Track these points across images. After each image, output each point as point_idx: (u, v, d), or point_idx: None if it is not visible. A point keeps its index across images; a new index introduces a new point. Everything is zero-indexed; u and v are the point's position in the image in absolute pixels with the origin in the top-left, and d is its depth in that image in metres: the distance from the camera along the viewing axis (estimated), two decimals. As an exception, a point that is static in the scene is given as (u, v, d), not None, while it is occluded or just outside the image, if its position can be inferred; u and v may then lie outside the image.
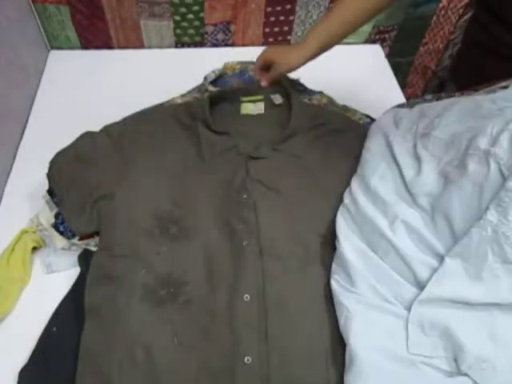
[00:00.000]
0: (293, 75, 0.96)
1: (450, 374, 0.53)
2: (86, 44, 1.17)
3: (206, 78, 0.93)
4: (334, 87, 0.97)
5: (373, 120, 0.93)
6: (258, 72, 0.82)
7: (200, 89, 0.94)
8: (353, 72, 1.13)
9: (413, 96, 1.43)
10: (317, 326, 0.62)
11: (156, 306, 0.63)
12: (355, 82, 1.08)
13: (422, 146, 0.65)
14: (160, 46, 1.19)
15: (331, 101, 0.96)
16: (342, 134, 0.81)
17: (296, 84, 0.96)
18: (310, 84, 0.98)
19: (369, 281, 0.60)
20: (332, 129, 0.81)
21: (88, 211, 0.71)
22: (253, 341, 0.60)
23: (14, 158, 0.93)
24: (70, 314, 0.70)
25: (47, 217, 0.78)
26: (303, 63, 0.76)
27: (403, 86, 1.32)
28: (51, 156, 0.81)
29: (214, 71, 0.94)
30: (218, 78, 0.95)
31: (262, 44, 1.22)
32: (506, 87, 0.65)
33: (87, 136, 0.79)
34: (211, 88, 0.92)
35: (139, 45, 1.18)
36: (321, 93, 0.96)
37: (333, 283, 0.64)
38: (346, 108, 0.94)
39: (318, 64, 0.93)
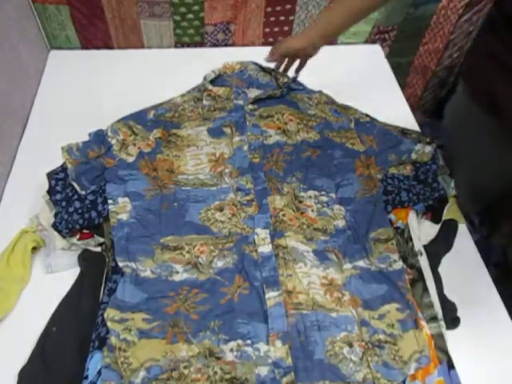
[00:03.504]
0: (292, 73, 0.96)
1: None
2: (86, 44, 1.17)
3: (205, 78, 0.93)
4: (334, 87, 0.97)
5: (372, 119, 0.93)
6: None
7: (200, 88, 0.94)
8: (353, 72, 1.14)
9: (413, 96, 1.43)
10: None
11: None
12: (355, 81, 1.08)
13: None
14: (160, 46, 1.19)
15: (330, 99, 0.95)
16: None
17: (295, 83, 0.96)
18: (310, 84, 0.98)
19: None
20: None
21: None
22: None
23: (14, 157, 0.93)
24: (70, 314, 0.70)
25: (47, 217, 0.78)
26: (301, 46, 0.85)
27: (403, 86, 1.32)
28: (51, 156, 0.82)
29: (213, 71, 0.94)
30: (217, 77, 0.95)
31: (262, 44, 1.22)
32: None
33: None
34: (210, 87, 0.92)
35: (139, 45, 1.19)
36: (320, 92, 0.96)
37: None
38: (345, 107, 0.94)
39: (318, 64, 0.93)
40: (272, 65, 0.94)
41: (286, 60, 0.93)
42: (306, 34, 0.86)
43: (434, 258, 0.79)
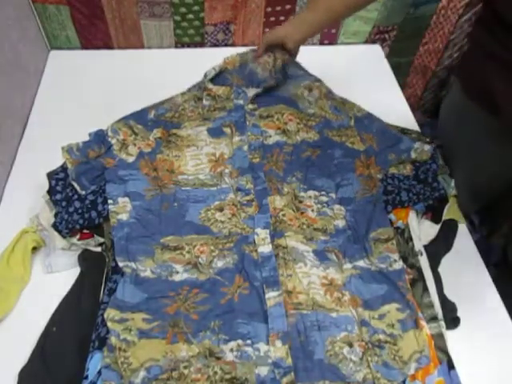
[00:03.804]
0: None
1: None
2: (86, 44, 1.17)
3: (206, 75, 0.93)
4: (334, 87, 0.97)
5: (370, 115, 0.93)
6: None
7: (200, 86, 0.94)
8: (353, 72, 1.14)
9: (413, 96, 1.43)
10: None
11: None
12: (355, 81, 1.08)
13: None
14: (160, 46, 1.19)
15: (330, 91, 0.95)
16: None
17: (297, 67, 0.96)
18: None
19: None
20: None
21: None
22: None
23: (14, 158, 0.93)
24: (70, 314, 0.70)
25: (47, 217, 0.78)
26: (280, 34, 0.87)
27: (403, 86, 1.32)
28: (51, 156, 0.81)
29: (214, 67, 0.93)
30: (218, 75, 0.94)
31: (262, 44, 1.22)
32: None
33: None
34: (210, 86, 0.92)
35: (139, 45, 1.19)
36: (320, 81, 0.96)
37: None
38: (344, 102, 0.94)
39: (319, 64, 0.93)
40: None
41: None
42: (285, 25, 0.88)
43: (434, 258, 0.79)
